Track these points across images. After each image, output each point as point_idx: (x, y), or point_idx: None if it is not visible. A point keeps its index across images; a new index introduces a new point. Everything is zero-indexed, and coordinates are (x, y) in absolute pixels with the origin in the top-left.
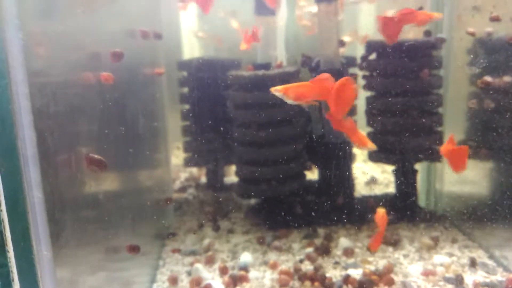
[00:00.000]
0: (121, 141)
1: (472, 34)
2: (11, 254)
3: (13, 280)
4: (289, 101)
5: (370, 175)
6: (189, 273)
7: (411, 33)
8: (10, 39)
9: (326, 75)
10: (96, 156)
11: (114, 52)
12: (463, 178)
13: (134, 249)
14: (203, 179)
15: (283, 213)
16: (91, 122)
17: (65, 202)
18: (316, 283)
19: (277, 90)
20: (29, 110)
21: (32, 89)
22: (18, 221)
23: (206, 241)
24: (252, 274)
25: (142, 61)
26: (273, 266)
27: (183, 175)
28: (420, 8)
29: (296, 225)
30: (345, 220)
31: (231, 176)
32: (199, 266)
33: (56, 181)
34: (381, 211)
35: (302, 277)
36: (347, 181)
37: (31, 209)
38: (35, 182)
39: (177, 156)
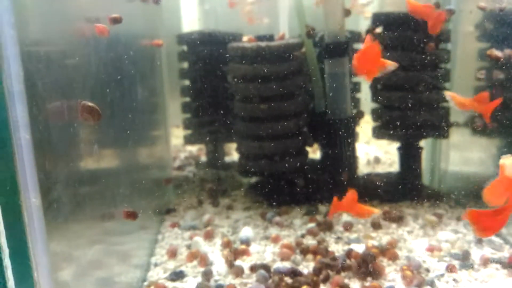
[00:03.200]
0: (117, 108)
1: (483, 9)
2: None
3: None
4: None
5: (374, 156)
6: (188, 247)
7: None
8: None
9: None
10: (89, 103)
11: (113, 17)
12: (468, 158)
13: (131, 215)
14: (203, 158)
15: (284, 190)
16: (86, 79)
17: (56, 153)
18: (319, 256)
19: None
20: (15, 41)
21: (20, 23)
22: (4, 162)
23: (206, 217)
24: (253, 247)
25: (138, 28)
26: (275, 240)
27: (183, 154)
28: None
29: (297, 202)
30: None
31: (232, 155)
32: (198, 239)
33: (47, 127)
34: None
35: (304, 251)
36: (350, 158)
37: (17, 150)
38: (22, 121)
39: (177, 136)
